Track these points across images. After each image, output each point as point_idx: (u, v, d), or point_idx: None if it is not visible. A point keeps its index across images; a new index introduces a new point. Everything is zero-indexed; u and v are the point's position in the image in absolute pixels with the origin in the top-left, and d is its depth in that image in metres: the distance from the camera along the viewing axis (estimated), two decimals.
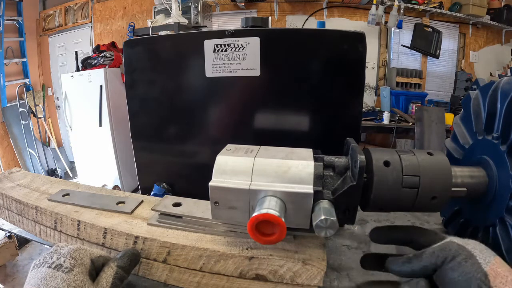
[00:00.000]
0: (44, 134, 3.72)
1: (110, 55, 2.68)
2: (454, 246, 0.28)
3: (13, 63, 3.54)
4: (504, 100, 0.36)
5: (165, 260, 0.37)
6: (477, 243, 0.28)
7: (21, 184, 0.53)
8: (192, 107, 0.77)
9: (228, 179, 0.33)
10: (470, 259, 0.26)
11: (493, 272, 0.25)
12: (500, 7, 3.04)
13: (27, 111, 3.33)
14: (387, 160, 0.33)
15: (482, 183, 0.36)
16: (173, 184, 0.83)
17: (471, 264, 0.26)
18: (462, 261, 0.27)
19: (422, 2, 2.96)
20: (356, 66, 0.68)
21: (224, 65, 0.71)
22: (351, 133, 0.39)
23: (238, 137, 0.76)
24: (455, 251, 0.28)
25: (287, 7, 3.15)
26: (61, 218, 0.43)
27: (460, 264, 0.27)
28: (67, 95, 2.76)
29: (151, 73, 0.80)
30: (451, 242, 0.29)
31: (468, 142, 0.44)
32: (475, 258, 0.26)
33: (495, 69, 3.24)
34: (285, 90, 0.73)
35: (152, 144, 0.84)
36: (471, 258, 0.26)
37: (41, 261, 0.30)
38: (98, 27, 3.60)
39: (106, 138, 2.61)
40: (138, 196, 0.48)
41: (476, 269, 0.26)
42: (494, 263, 0.26)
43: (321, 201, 0.31)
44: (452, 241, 0.29)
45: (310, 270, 0.33)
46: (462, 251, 0.27)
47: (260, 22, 0.72)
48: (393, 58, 3.19)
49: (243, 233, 0.37)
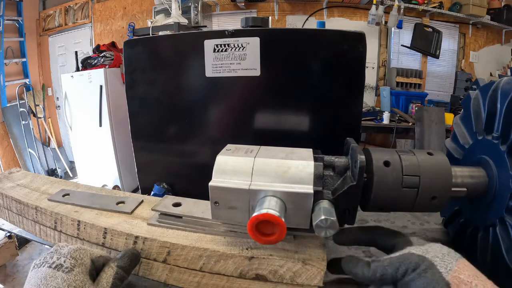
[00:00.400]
0: (44, 134, 3.72)
1: (110, 55, 2.68)
2: (414, 258, 0.27)
3: (13, 63, 3.54)
4: (504, 100, 0.36)
5: (165, 260, 0.37)
6: (438, 249, 0.28)
7: (21, 184, 0.53)
8: (192, 107, 0.77)
9: (228, 179, 0.33)
10: (430, 269, 0.26)
11: (455, 280, 0.24)
12: (500, 7, 3.04)
13: (27, 111, 3.33)
14: (387, 160, 0.33)
15: (482, 183, 0.36)
16: (173, 184, 0.83)
17: (432, 274, 0.26)
18: (422, 273, 0.26)
19: (422, 2, 2.96)
20: (356, 66, 0.68)
21: (224, 65, 0.71)
22: (351, 133, 0.39)
23: (238, 137, 0.76)
24: (415, 263, 0.27)
25: (287, 7, 3.15)
26: (61, 218, 0.43)
27: (420, 276, 0.26)
28: (67, 95, 2.76)
29: (151, 73, 0.80)
30: (410, 254, 0.28)
31: (468, 142, 0.44)
32: (435, 268, 0.26)
33: (495, 69, 3.24)
34: (285, 90, 0.73)
35: (152, 144, 0.84)
36: (431, 268, 0.26)
37: (41, 261, 0.30)
38: (98, 27, 3.60)
39: (106, 138, 2.61)
40: (138, 196, 0.48)
41: (437, 279, 0.25)
42: (457, 269, 0.25)
43: (321, 201, 0.31)
44: (411, 252, 0.28)
45: (310, 270, 0.33)
46: (422, 261, 0.27)
47: (260, 22, 0.72)
48: (393, 58, 3.19)
49: (243, 233, 0.37)
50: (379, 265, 0.29)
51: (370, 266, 0.30)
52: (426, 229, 0.51)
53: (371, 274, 0.29)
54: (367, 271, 0.30)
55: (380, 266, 0.29)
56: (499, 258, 0.33)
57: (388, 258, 0.29)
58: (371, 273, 0.29)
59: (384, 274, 0.28)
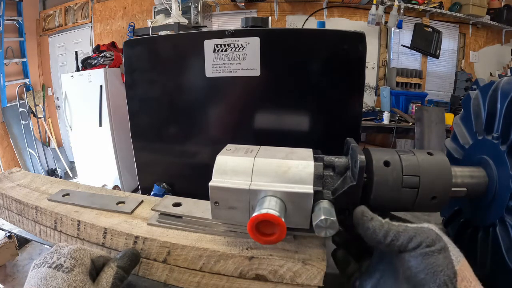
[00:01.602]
0: (44, 134, 3.72)
1: (110, 55, 2.68)
2: (432, 234, 0.26)
3: (13, 63, 3.54)
4: (504, 100, 0.35)
5: (165, 260, 0.37)
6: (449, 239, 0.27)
7: (21, 184, 0.53)
8: (192, 107, 0.77)
9: (228, 179, 0.33)
10: (444, 252, 0.25)
11: (461, 273, 0.24)
12: (500, 7, 3.04)
13: (27, 111, 3.33)
14: (387, 160, 0.33)
15: (482, 183, 0.36)
16: (173, 184, 0.83)
17: (444, 258, 0.25)
18: (435, 252, 0.25)
19: (422, 2, 2.96)
20: (356, 66, 0.68)
21: (224, 65, 0.71)
22: (351, 133, 0.39)
23: (238, 137, 0.76)
24: (432, 239, 0.26)
25: (287, 7, 3.14)
26: (61, 218, 0.43)
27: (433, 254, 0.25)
28: (67, 95, 2.76)
29: (151, 73, 0.80)
30: (429, 229, 0.27)
31: (468, 142, 0.44)
32: (449, 253, 0.25)
33: (495, 69, 3.24)
34: (285, 90, 0.73)
35: (152, 144, 0.84)
36: (445, 252, 0.25)
37: (41, 261, 0.30)
38: (98, 27, 3.60)
39: (106, 138, 2.61)
40: (138, 196, 0.48)
41: (447, 264, 0.24)
42: (463, 264, 0.25)
43: (321, 201, 0.31)
44: (430, 228, 0.27)
45: (310, 270, 0.33)
46: (439, 241, 0.26)
47: (260, 22, 0.72)
48: (393, 58, 3.18)
49: (243, 233, 0.37)
50: (393, 228, 0.28)
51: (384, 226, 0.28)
52: None
53: (381, 235, 0.28)
54: (379, 229, 0.28)
55: (395, 230, 0.27)
56: (499, 258, 0.33)
57: (404, 225, 0.28)
58: (382, 233, 0.28)
59: (395, 240, 0.27)
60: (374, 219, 0.29)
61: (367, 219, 0.29)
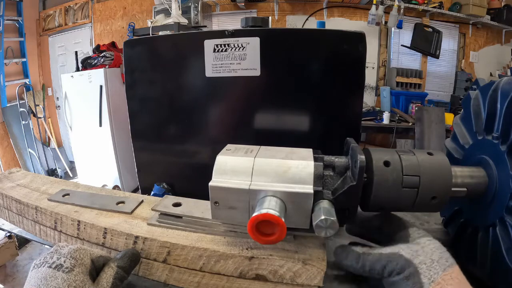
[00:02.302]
0: (44, 134, 3.72)
1: (110, 55, 2.68)
2: (401, 261, 0.27)
3: (13, 63, 3.54)
4: (504, 100, 0.35)
5: (165, 260, 0.37)
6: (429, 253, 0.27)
7: (21, 184, 0.53)
8: (192, 107, 0.77)
9: (228, 179, 0.33)
10: (413, 277, 0.26)
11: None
12: (500, 7, 3.04)
13: (27, 111, 3.33)
14: (387, 160, 0.33)
15: (482, 183, 0.36)
16: (173, 184, 0.83)
17: (413, 284, 0.26)
18: (404, 279, 0.26)
19: (422, 2, 2.96)
20: (356, 66, 0.68)
21: (224, 65, 0.71)
22: (351, 133, 0.39)
23: (238, 137, 0.76)
24: (401, 266, 0.27)
25: (287, 7, 3.15)
26: (61, 218, 0.43)
27: (402, 282, 0.26)
28: (67, 95, 2.76)
29: (151, 73, 0.80)
30: (398, 256, 0.28)
31: (468, 142, 0.44)
32: (418, 277, 0.26)
33: (495, 69, 3.24)
34: (285, 90, 0.73)
35: (152, 144, 0.84)
36: (414, 276, 0.26)
37: (41, 261, 0.30)
38: (98, 27, 3.60)
39: (106, 138, 2.61)
40: (138, 196, 0.48)
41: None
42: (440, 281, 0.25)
43: (321, 201, 0.31)
44: (400, 254, 0.28)
45: (310, 270, 0.33)
46: (408, 267, 0.27)
47: (260, 22, 0.72)
48: (393, 58, 3.19)
49: (243, 233, 0.37)
50: (367, 259, 0.30)
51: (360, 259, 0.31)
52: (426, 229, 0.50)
53: (359, 267, 0.31)
54: (356, 264, 0.31)
55: (369, 260, 0.30)
56: (499, 258, 0.33)
57: (378, 254, 0.30)
58: (360, 266, 0.31)
59: (372, 270, 0.29)
60: (349, 256, 0.32)
61: (343, 258, 0.33)
